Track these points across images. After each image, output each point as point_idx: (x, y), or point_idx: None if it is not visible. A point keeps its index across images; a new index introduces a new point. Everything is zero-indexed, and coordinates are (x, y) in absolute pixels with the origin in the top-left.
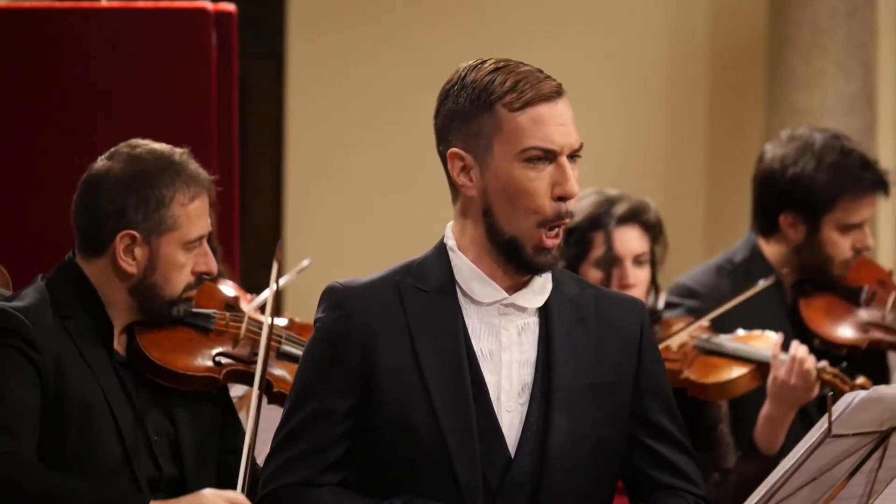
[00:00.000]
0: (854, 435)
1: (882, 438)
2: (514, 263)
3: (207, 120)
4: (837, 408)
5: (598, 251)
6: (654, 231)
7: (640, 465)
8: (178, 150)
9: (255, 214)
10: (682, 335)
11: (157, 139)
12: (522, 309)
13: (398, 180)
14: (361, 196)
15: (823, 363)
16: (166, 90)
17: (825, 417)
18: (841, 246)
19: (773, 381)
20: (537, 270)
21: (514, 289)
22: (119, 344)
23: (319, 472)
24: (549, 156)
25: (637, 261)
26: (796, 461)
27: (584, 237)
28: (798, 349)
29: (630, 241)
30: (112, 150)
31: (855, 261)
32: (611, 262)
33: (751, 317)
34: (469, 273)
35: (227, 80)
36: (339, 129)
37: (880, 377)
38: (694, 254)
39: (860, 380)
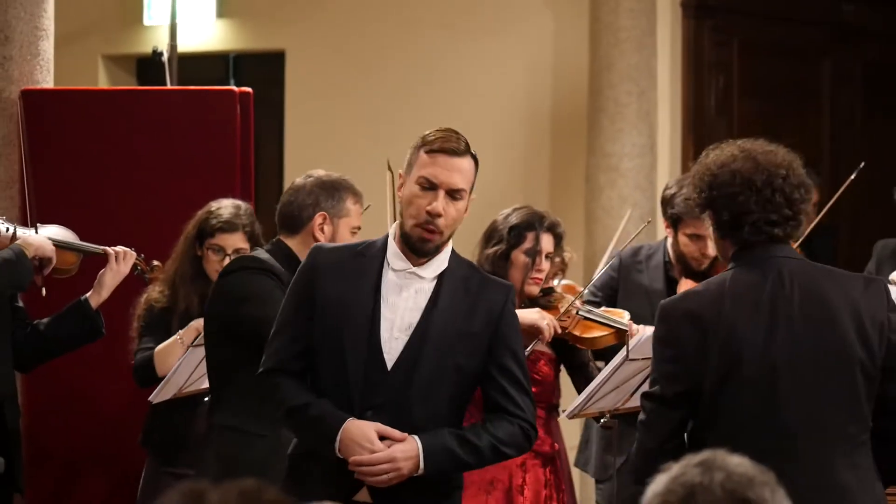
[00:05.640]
0: (643, 359)
1: None
2: (409, 247)
3: (233, 166)
4: (632, 342)
5: (528, 244)
6: (559, 240)
7: (490, 392)
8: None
9: (266, 224)
10: (566, 303)
11: (197, 181)
12: (421, 277)
13: (379, 215)
14: None
15: None
16: (205, 147)
17: (625, 348)
18: (690, 248)
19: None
20: (419, 252)
21: (417, 264)
22: None
23: (289, 359)
24: (432, 186)
25: (548, 256)
26: (605, 375)
27: (521, 233)
28: (649, 328)
29: (548, 243)
30: (307, 173)
31: (707, 261)
32: (535, 253)
33: (646, 283)
34: (392, 251)
35: (246, 140)
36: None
37: None
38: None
39: None
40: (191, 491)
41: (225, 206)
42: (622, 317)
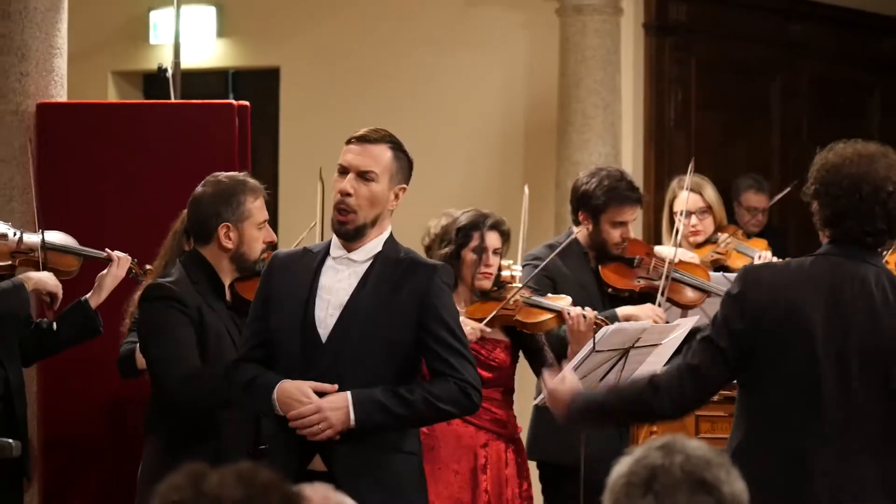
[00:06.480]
0: (608, 350)
1: (624, 353)
2: (333, 231)
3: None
4: (598, 335)
5: (475, 242)
6: (506, 236)
7: (428, 362)
8: (242, 174)
9: None
10: (513, 293)
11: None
12: (354, 261)
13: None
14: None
15: (595, 312)
16: (206, 157)
17: (592, 340)
18: (612, 235)
19: (571, 330)
20: (340, 234)
21: (350, 249)
22: (227, 296)
23: (252, 349)
24: (344, 170)
25: (495, 252)
26: (574, 365)
27: (467, 233)
28: (585, 310)
29: (494, 239)
30: (205, 180)
31: (624, 244)
32: (482, 250)
33: (574, 276)
34: (334, 242)
35: (243, 150)
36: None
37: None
38: (516, 245)
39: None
40: (192, 472)
41: None
42: (564, 300)
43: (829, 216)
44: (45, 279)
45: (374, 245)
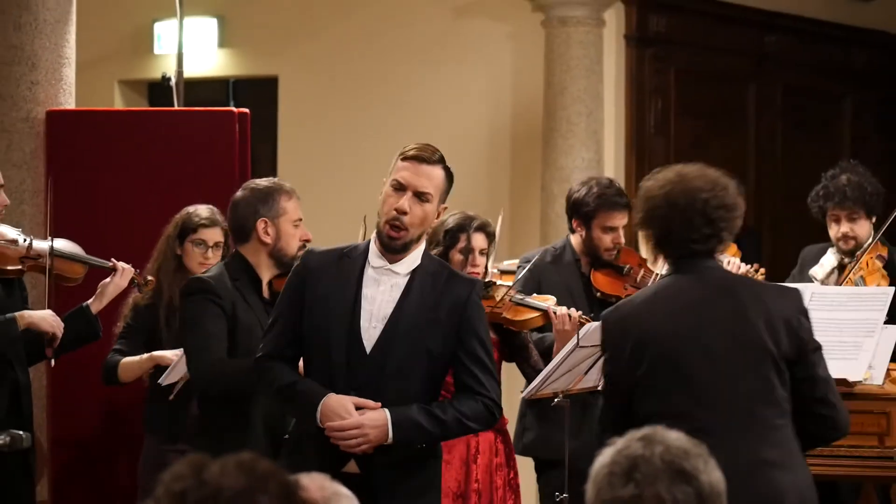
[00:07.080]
0: (592, 346)
1: None
2: (382, 245)
3: (232, 177)
4: (582, 331)
5: (462, 244)
6: (491, 238)
7: (459, 375)
8: (275, 179)
9: None
10: (502, 292)
11: (201, 191)
12: (396, 273)
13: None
14: (334, 230)
15: (580, 312)
16: (208, 161)
17: (576, 336)
18: (604, 241)
19: (556, 329)
20: (388, 249)
21: (392, 261)
22: (266, 292)
23: (282, 346)
24: (401, 187)
25: (481, 252)
26: (559, 360)
27: (455, 235)
28: (570, 310)
29: (479, 241)
30: (243, 185)
31: (616, 251)
32: (468, 251)
33: (562, 281)
34: (373, 251)
35: (244, 154)
36: (317, 188)
37: None
38: (502, 248)
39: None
40: (193, 462)
41: (202, 208)
42: (549, 301)
43: (658, 238)
44: (41, 322)
45: (414, 257)
